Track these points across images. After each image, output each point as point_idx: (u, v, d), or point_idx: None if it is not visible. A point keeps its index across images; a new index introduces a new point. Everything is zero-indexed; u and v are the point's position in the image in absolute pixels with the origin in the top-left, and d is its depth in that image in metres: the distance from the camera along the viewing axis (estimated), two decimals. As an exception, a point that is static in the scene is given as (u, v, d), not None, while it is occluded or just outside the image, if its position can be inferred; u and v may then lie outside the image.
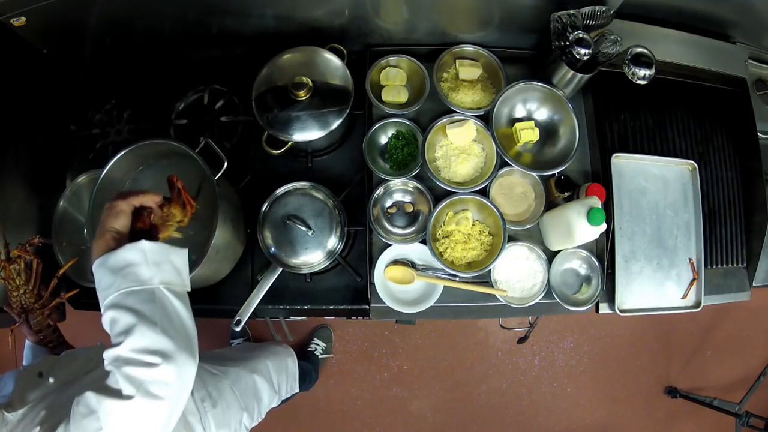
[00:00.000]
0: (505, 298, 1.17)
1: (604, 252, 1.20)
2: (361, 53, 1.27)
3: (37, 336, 1.00)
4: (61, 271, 1.03)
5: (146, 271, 0.68)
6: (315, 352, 1.99)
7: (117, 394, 0.61)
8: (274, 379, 1.41)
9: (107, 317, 0.65)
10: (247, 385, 1.26)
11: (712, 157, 1.32)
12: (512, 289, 1.18)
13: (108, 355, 0.63)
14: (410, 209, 1.21)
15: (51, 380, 0.80)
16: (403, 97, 1.23)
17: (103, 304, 0.66)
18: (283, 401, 1.50)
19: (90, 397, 0.61)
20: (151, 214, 0.78)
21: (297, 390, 1.63)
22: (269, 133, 1.14)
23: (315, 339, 2.02)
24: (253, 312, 1.13)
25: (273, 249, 1.13)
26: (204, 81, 1.31)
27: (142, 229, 0.76)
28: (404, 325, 2.01)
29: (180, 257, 0.72)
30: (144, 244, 0.69)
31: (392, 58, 1.23)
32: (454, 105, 1.20)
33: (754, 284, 1.30)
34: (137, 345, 0.62)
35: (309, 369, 1.82)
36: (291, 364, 1.61)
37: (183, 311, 0.68)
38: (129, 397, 0.60)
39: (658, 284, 1.23)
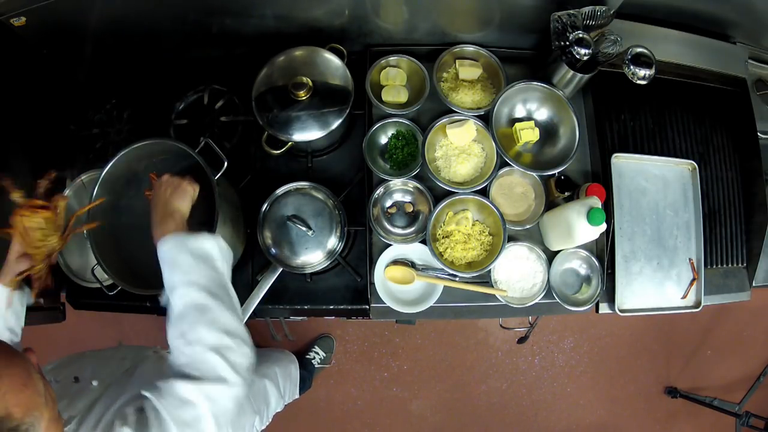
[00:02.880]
0: (505, 298, 1.17)
1: (604, 252, 1.20)
2: (361, 53, 1.27)
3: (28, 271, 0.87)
4: (89, 206, 0.96)
5: (221, 266, 0.76)
6: (313, 360, 1.98)
7: (220, 380, 0.65)
8: (281, 384, 1.43)
9: (189, 296, 0.71)
10: (259, 390, 1.28)
11: (712, 157, 1.32)
12: (512, 289, 1.18)
13: (198, 341, 0.67)
14: (410, 209, 1.21)
15: (95, 383, 0.78)
16: (403, 97, 1.23)
17: (182, 281, 0.72)
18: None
19: (182, 387, 0.64)
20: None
21: (297, 396, 1.64)
22: (269, 133, 1.14)
23: (315, 347, 2.01)
24: (253, 312, 1.13)
25: (273, 249, 1.13)
26: (204, 81, 1.31)
27: None
28: (404, 325, 2.01)
29: (231, 258, 0.81)
30: (221, 241, 0.77)
31: (392, 58, 1.23)
32: (454, 105, 1.20)
33: (754, 284, 1.30)
34: (227, 329, 0.69)
35: (304, 376, 1.81)
36: (294, 370, 1.63)
37: (239, 306, 0.77)
38: (233, 383, 0.66)
39: (658, 284, 1.23)
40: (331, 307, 1.21)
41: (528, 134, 1.17)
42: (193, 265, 0.73)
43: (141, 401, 0.66)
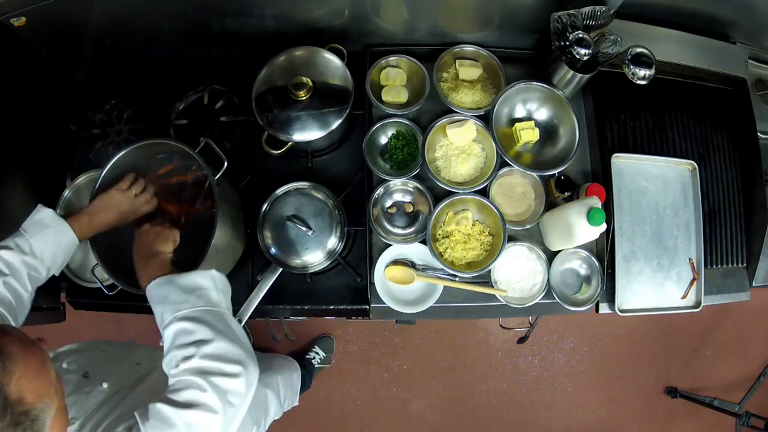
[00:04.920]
0: (505, 298, 1.17)
1: (604, 252, 1.20)
2: (361, 53, 1.27)
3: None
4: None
5: (215, 296, 0.75)
6: (312, 360, 1.98)
7: (202, 406, 0.63)
8: (282, 393, 1.43)
9: (178, 326, 0.70)
10: (260, 400, 1.28)
11: (712, 157, 1.32)
12: (512, 289, 1.18)
13: (185, 366, 0.66)
14: (410, 209, 1.21)
15: (105, 386, 0.78)
16: (403, 97, 1.23)
17: (172, 315, 0.71)
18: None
19: (164, 409, 0.63)
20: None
21: (296, 403, 1.64)
22: (269, 133, 1.14)
23: (315, 347, 2.01)
24: (253, 312, 1.12)
25: (273, 249, 1.13)
26: (204, 81, 1.31)
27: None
28: (404, 325, 2.00)
29: (229, 289, 0.80)
30: (214, 272, 0.77)
31: (392, 58, 1.23)
32: (454, 105, 1.20)
33: (754, 284, 1.30)
34: (215, 352, 0.67)
35: (304, 376, 1.81)
36: (296, 378, 1.63)
37: (243, 334, 0.74)
38: (214, 410, 0.63)
39: (658, 284, 1.23)
40: (331, 307, 1.21)
41: (528, 134, 1.17)
42: (183, 299, 0.73)
43: (132, 420, 0.66)
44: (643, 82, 1.04)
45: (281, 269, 1.14)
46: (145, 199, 0.97)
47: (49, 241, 0.84)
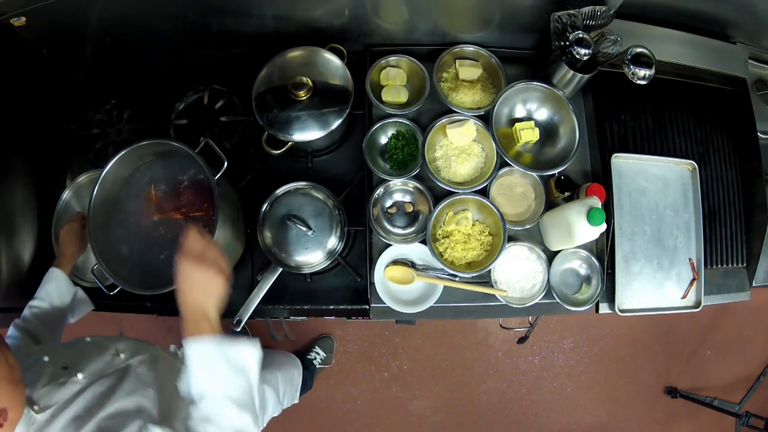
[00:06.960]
0: (505, 298, 1.17)
1: (604, 252, 1.20)
2: (361, 53, 1.27)
3: None
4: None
5: (256, 375, 0.76)
6: (314, 361, 1.98)
7: None
8: (281, 390, 1.43)
9: (226, 406, 0.71)
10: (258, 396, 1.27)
11: (712, 157, 1.32)
12: (512, 289, 1.18)
13: None
14: (410, 209, 1.21)
15: (80, 376, 0.77)
16: (403, 97, 1.23)
17: (220, 391, 0.71)
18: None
19: None
20: None
21: (297, 401, 1.64)
22: (269, 133, 1.14)
23: (316, 347, 2.01)
24: (253, 312, 1.13)
25: (273, 249, 1.13)
26: (204, 81, 1.31)
27: None
28: (404, 325, 2.00)
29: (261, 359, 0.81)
30: (258, 351, 0.76)
31: (392, 58, 1.23)
32: (454, 105, 1.20)
33: (754, 284, 1.30)
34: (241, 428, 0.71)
35: (305, 377, 1.81)
36: (296, 375, 1.62)
37: (258, 406, 0.77)
38: None
39: (658, 284, 1.23)
40: (331, 307, 1.21)
41: (528, 134, 1.17)
42: (230, 377, 0.72)
43: (140, 423, 0.69)
44: (643, 82, 1.04)
45: (281, 269, 1.14)
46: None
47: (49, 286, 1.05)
